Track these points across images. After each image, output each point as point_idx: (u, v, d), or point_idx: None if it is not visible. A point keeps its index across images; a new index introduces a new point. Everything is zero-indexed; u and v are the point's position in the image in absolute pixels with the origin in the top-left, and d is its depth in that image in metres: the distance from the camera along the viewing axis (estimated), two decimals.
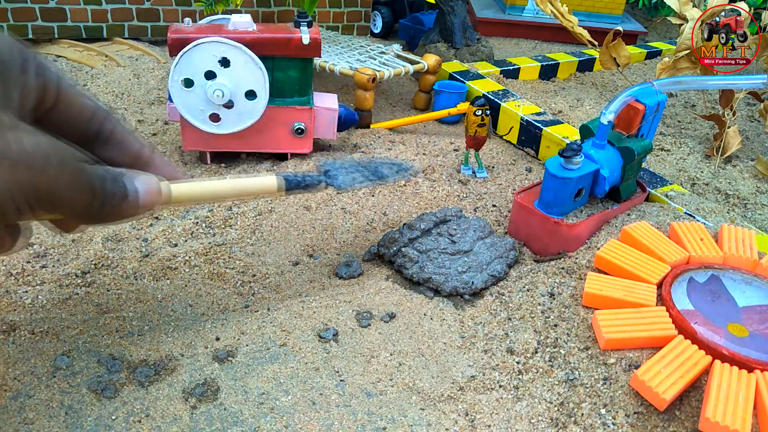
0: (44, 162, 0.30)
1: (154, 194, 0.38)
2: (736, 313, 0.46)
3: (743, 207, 0.74)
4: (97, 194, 0.34)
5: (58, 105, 0.35)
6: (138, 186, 0.36)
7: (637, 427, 0.40)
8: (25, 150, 0.29)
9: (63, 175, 0.31)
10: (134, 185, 0.36)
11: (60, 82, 0.35)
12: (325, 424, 0.41)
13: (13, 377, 0.41)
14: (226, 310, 0.50)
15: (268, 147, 0.72)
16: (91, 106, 0.37)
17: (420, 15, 1.32)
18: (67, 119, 0.36)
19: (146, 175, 0.38)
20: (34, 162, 0.30)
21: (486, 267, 0.56)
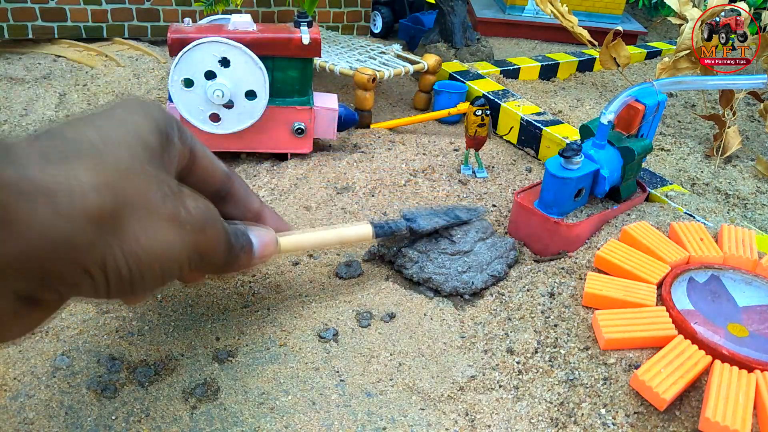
0: (204, 224, 0.34)
1: (271, 247, 0.42)
2: (736, 313, 0.46)
3: (743, 207, 0.74)
4: (232, 249, 0.37)
5: (193, 167, 0.38)
6: (256, 240, 0.40)
7: (637, 427, 0.40)
8: (191, 213, 0.32)
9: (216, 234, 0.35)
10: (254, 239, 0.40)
11: (194, 145, 0.38)
12: (325, 424, 0.41)
13: (13, 377, 0.41)
14: (226, 310, 0.50)
15: (268, 147, 0.72)
16: (220, 167, 0.41)
17: (420, 15, 1.32)
18: (199, 180, 0.39)
19: (264, 229, 0.42)
20: (198, 224, 0.33)
21: (486, 267, 0.56)
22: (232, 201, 0.42)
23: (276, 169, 0.72)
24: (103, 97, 0.91)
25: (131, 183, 0.29)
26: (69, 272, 0.27)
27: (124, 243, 0.28)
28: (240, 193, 0.43)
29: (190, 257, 0.33)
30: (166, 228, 0.30)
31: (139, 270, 0.29)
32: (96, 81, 0.95)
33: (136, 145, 0.30)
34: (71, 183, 0.26)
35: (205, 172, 0.39)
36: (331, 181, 0.70)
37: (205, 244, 0.34)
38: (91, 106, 0.88)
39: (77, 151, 0.27)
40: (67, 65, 0.99)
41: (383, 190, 0.70)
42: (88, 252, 0.27)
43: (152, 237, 0.30)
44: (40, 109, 0.86)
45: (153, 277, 0.31)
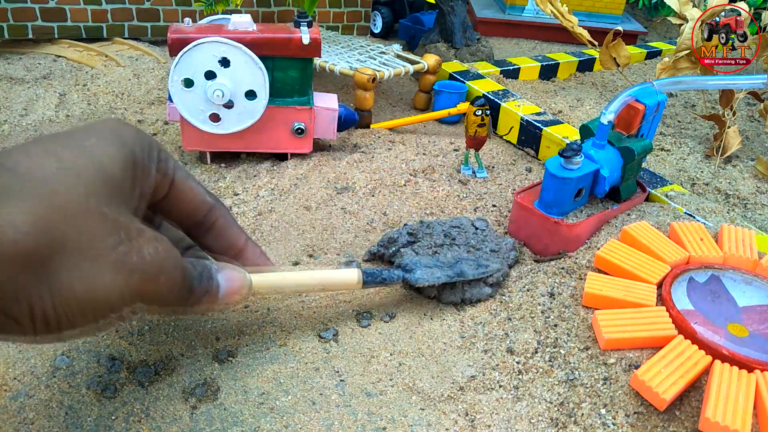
0: (159, 271, 0.32)
1: (240, 291, 0.39)
2: (736, 313, 0.46)
3: (743, 207, 0.74)
4: (192, 293, 0.35)
5: (170, 196, 0.37)
6: (224, 283, 0.38)
7: (637, 427, 0.40)
8: (144, 259, 0.30)
9: (171, 280, 0.33)
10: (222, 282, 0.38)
11: (175, 173, 0.36)
12: (325, 424, 0.41)
13: (13, 377, 0.41)
14: (226, 310, 0.50)
15: (268, 147, 0.72)
16: (200, 198, 0.39)
17: (420, 15, 1.32)
18: (178, 210, 0.38)
19: (237, 272, 0.39)
20: (151, 271, 0.31)
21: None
22: (214, 234, 0.41)
23: (276, 169, 0.72)
24: (103, 97, 0.91)
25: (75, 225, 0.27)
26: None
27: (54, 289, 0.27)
28: (223, 227, 0.41)
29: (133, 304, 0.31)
30: (108, 274, 0.29)
31: (67, 316, 0.28)
32: (96, 81, 0.95)
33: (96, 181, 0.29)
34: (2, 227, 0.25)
35: (185, 204, 0.38)
36: (331, 181, 0.70)
37: (154, 291, 0.32)
38: (91, 106, 0.88)
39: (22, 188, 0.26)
40: (67, 65, 0.99)
41: (383, 190, 0.70)
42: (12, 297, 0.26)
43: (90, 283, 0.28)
44: (40, 109, 0.86)
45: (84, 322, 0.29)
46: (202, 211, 0.39)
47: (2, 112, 0.84)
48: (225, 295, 0.38)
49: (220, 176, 0.71)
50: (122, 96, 0.92)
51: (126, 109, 0.88)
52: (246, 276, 0.40)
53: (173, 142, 0.79)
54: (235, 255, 0.42)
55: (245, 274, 0.40)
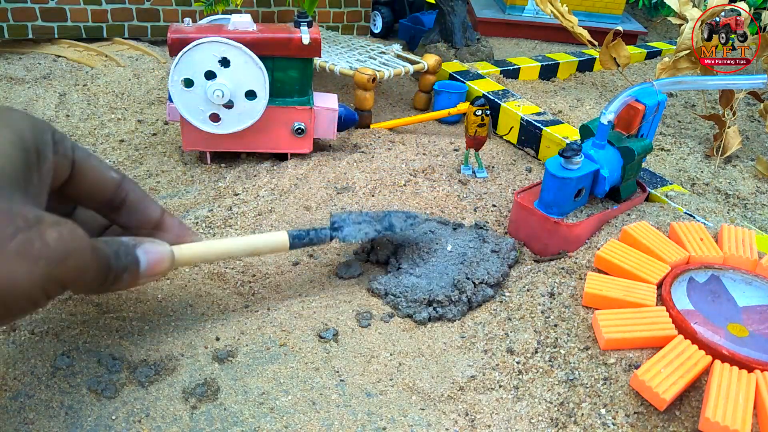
0: (66, 254, 0.31)
1: (162, 263, 0.39)
2: (736, 313, 0.46)
3: (743, 207, 0.74)
4: (111, 271, 0.35)
5: (74, 178, 0.36)
6: (143, 257, 0.38)
7: (637, 427, 0.40)
8: (47, 245, 0.30)
9: (81, 262, 0.33)
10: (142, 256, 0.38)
11: (75, 154, 0.36)
12: (325, 424, 0.41)
13: (13, 377, 0.41)
14: (226, 310, 0.50)
15: (268, 147, 0.72)
16: (106, 175, 0.38)
17: (420, 15, 1.32)
18: (84, 191, 0.37)
19: (156, 244, 0.39)
20: (57, 256, 0.31)
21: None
22: (126, 210, 0.40)
23: (276, 169, 0.72)
24: (103, 97, 0.91)
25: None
26: None
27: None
28: (136, 201, 0.41)
29: (46, 289, 0.31)
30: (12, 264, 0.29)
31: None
32: (96, 81, 0.95)
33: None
34: None
35: (90, 183, 0.38)
36: (331, 181, 0.70)
37: (65, 275, 0.32)
38: (91, 106, 0.88)
39: None
40: (67, 65, 0.99)
41: (383, 190, 0.70)
42: None
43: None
44: (40, 109, 0.86)
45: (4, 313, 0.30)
46: (110, 188, 0.39)
47: None
48: (147, 270, 0.38)
49: (220, 176, 0.71)
50: (122, 96, 0.92)
51: (126, 109, 0.88)
52: (166, 247, 0.40)
53: (173, 142, 0.79)
54: (153, 229, 0.42)
55: (165, 245, 0.40)
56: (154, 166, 0.73)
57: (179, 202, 0.65)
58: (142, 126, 0.84)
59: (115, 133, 0.80)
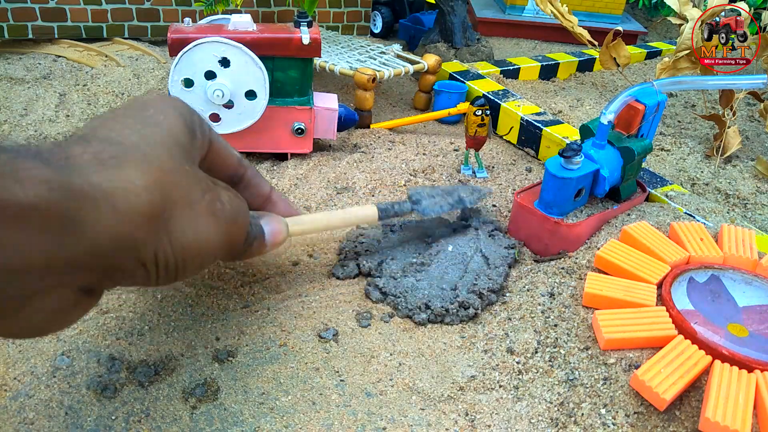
0: (236, 215, 0.36)
1: (281, 234, 0.44)
2: (736, 313, 0.46)
3: (743, 207, 0.74)
4: (248, 238, 0.39)
5: (210, 155, 0.40)
6: (267, 228, 0.42)
7: (637, 427, 0.40)
8: (225, 206, 0.35)
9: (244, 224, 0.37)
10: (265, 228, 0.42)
11: (211, 134, 0.40)
12: (325, 424, 0.41)
13: (13, 377, 0.41)
14: (226, 310, 0.50)
15: (268, 147, 0.72)
16: (234, 154, 0.43)
17: (420, 15, 1.32)
18: (214, 167, 0.41)
19: (274, 217, 0.44)
20: (231, 215, 0.35)
21: None
22: (243, 185, 0.44)
23: (276, 169, 0.72)
24: (103, 97, 0.91)
25: (174, 181, 0.31)
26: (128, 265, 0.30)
27: (172, 237, 0.31)
28: (252, 178, 0.45)
29: (224, 247, 0.35)
30: (206, 221, 0.33)
31: (183, 261, 0.32)
32: (96, 81, 0.95)
33: (172, 145, 0.33)
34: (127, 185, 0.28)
35: (220, 160, 0.41)
36: (331, 181, 0.70)
37: (235, 233, 0.36)
38: (91, 106, 0.88)
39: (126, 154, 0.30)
40: (67, 65, 0.99)
41: (383, 190, 0.70)
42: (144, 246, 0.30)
43: (196, 230, 0.32)
44: (40, 109, 0.86)
45: (194, 267, 0.33)
46: (234, 166, 0.43)
47: (2, 112, 0.84)
48: (270, 240, 0.42)
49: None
50: (122, 96, 0.92)
51: None
52: (282, 220, 0.44)
53: None
54: (263, 203, 0.46)
55: (280, 218, 0.44)
56: None
57: None
58: None
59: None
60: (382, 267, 0.55)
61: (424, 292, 0.52)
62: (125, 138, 0.31)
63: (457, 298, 0.51)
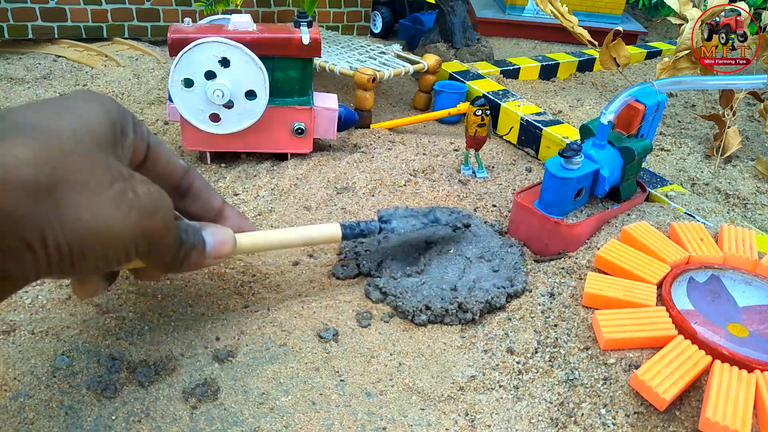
0: (154, 209, 0.33)
1: (226, 247, 0.41)
2: (736, 313, 0.46)
3: (743, 207, 0.74)
4: (182, 245, 0.37)
5: (148, 161, 0.38)
6: (209, 239, 0.40)
7: (637, 427, 0.40)
8: (139, 197, 0.32)
9: (165, 223, 0.35)
10: (208, 238, 0.40)
11: (150, 138, 0.38)
12: (325, 424, 0.41)
13: (13, 377, 0.41)
14: (226, 310, 0.50)
15: (268, 147, 0.72)
16: (178, 163, 0.41)
17: (420, 15, 1.32)
18: (156, 175, 0.39)
19: (219, 228, 0.41)
20: (147, 208, 0.33)
21: None
22: (191, 198, 0.43)
23: (276, 169, 0.72)
24: None
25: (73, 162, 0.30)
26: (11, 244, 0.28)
27: (63, 219, 0.29)
28: (200, 190, 0.43)
29: (136, 242, 0.33)
30: (110, 208, 0.31)
31: (79, 248, 0.30)
32: (96, 81, 0.95)
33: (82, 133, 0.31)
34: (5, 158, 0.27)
35: (162, 167, 0.40)
36: (331, 181, 0.70)
37: (153, 231, 0.33)
38: None
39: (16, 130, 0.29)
40: (67, 65, 0.99)
41: (383, 190, 0.70)
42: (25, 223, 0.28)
43: (95, 216, 0.30)
44: None
45: (95, 258, 0.31)
46: (178, 174, 0.41)
47: None
48: (212, 251, 0.40)
49: (220, 176, 0.71)
50: (122, 96, 0.92)
51: None
52: (230, 232, 0.42)
53: (173, 142, 0.79)
54: (214, 217, 0.44)
55: (228, 230, 0.42)
56: None
57: None
58: None
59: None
60: (382, 267, 0.55)
61: (424, 293, 0.52)
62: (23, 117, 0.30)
63: (457, 299, 0.51)
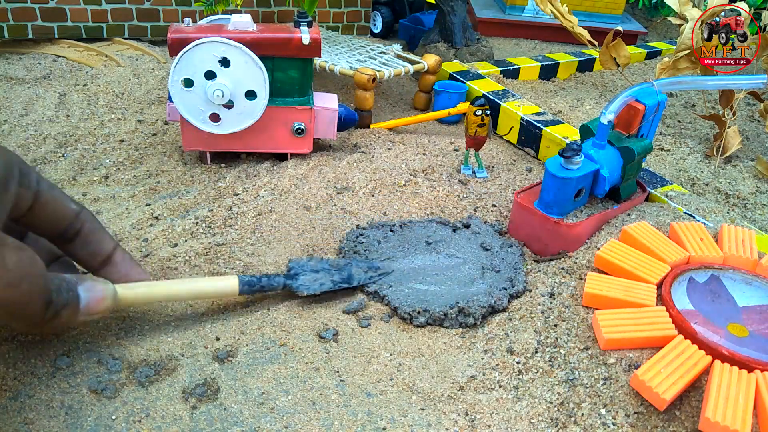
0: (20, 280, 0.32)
1: (103, 302, 0.39)
2: (736, 313, 0.46)
3: (743, 207, 0.74)
4: (51, 305, 0.35)
5: (34, 208, 0.37)
6: (84, 295, 0.38)
7: (637, 427, 0.40)
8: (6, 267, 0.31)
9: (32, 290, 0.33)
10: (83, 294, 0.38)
11: (39, 186, 0.37)
12: (325, 424, 0.41)
13: (13, 377, 0.41)
14: (226, 310, 0.50)
15: (268, 147, 0.72)
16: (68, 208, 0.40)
17: (420, 15, 1.32)
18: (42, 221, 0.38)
19: (98, 282, 0.40)
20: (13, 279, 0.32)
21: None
22: (79, 242, 0.42)
23: (276, 169, 0.72)
24: (103, 97, 0.91)
25: None
26: None
27: None
28: (90, 234, 0.42)
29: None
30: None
31: None
32: (96, 81, 0.95)
33: None
34: None
35: (49, 215, 0.39)
36: (331, 181, 0.70)
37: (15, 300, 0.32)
38: (91, 106, 0.88)
39: None
40: (67, 65, 0.99)
41: (383, 190, 0.70)
42: None
43: None
44: (40, 109, 0.86)
45: None
46: (67, 220, 0.40)
47: (2, 112, 0.84)
48: (86, 307, 0.38)
49: (220, 176, 0.71)
50: (122, 96, 0.92)
51: (126, 109, 0.88)
52: (109, 286, 0.40)
53: (173, 142, 0.79)
54: (103, 261, 0.43)
55: (108, 284, 0.40)
56: (154, 166, 0.73)
57: (179, 202, 0.65)
58: (142, 126, 0.84)
59: (115, 133, 0.80)
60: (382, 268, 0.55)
61: (424, 295, 0.51)
62: None
63: (458, 303, 0.51)
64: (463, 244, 0.58)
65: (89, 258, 0.42)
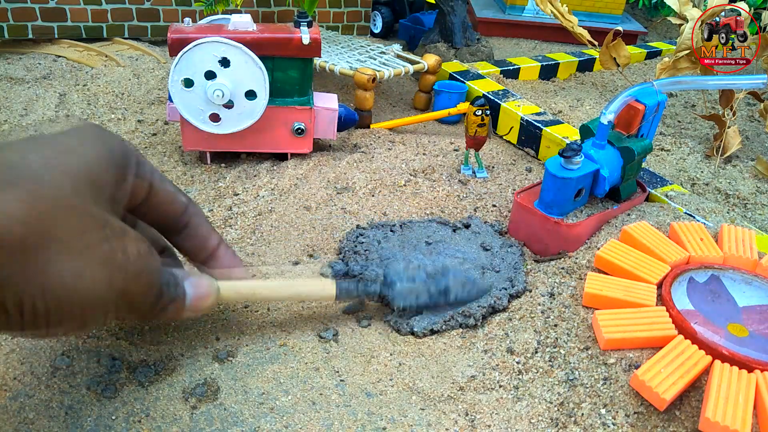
0: (141, 271, 0.32)
1: (206, 300, 0.40)
2: (736, 313, 0.46)
3: (743, 207, 0.74)
4: (161, 299, 0.36)
5: (148, 200, 0.38)
6: (191, 291, 0.39)
7: (637, 427, 0.40)
8: (128, 259, 0.31)
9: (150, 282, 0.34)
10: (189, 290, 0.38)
11: (153, 177, 0.38)
12: (325, 424, 0.41)
13: (13, 377, 0.41)
14: (226, 310, 0.50)
15: (268, 147, 0.72)
16: (179, 200, 0.40)
17: (420, 15, 1.32)
18: (154, 211, 0.39)
19: (204, 280, 0.40)
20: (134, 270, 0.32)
21: None
22: (186, 235, 0.42)
23: (276, 169, 0.72)
24: (103, 97, 0.91)
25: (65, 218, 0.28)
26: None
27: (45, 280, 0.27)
28: (198, 228, 0.42)
29: (117, 303, 0.31)
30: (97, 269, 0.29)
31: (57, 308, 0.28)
32: (96, 81, 0.95)
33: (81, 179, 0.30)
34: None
35: (161, 206, 0.39)
36: (331, 181, 0.70)
37: (135, 291, 0.32)
38: (91, 106, 0.88)
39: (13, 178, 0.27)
40: (67, 65, 0.99)
41: (383, 190, 0.70)
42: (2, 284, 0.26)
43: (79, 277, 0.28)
44: (40, 109, 0.86)
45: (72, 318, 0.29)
46: (177, 212, 0.41)
47: (2, 112, 0.84)
48: (192, 304, 0.39)
49: (220, 176, 0.71)
50: (122, 96, 0.92)
51: (126, 109, 0.88)
52: (213, 283, 0.41)
53: (173, 142, 0.79)
54: (207, 257, 0.43)
55: (212, 281, 0.41)
56: (154, 165, 0.73)
57: None
58: (142, 126, 0.84)
59: (115, 133, 0.80)
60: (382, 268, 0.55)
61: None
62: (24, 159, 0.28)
63: (463, 313, 0.50)
64: (463, 244, 0.58)
65: (195, 251, 0.43)
